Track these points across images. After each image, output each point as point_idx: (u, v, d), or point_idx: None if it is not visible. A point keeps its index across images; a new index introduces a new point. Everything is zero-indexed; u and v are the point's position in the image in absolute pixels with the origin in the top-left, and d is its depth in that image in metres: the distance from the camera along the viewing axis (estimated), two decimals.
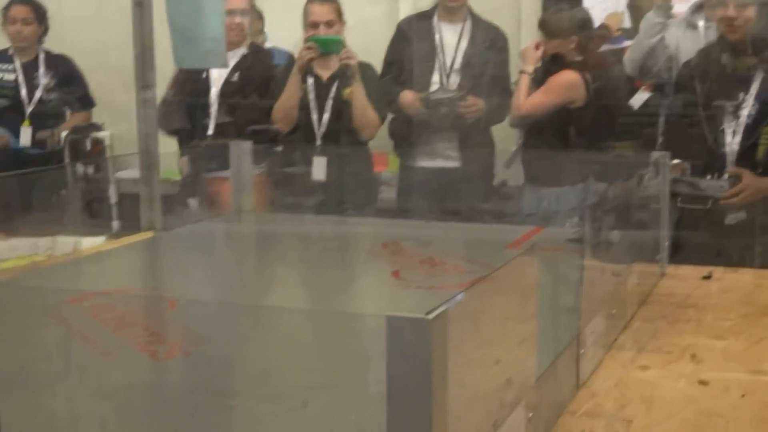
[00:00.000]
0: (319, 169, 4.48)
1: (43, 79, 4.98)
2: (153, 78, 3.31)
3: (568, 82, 4.33)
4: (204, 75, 4.66)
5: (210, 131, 4.65)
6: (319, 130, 4.55)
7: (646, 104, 4.59)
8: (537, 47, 4.42)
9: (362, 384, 1.65)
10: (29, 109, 4.91)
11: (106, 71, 5.31)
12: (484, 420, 1.31)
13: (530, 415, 1.47)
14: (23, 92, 4.90)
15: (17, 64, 4.94)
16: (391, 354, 1.09)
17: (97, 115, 5.65)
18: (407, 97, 4.55)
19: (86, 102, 5.23)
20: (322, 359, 1.89)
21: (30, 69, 4.97)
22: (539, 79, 4.41)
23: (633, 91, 4.66)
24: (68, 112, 5.21)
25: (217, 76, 4.67)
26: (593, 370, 1.91)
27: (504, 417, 1.37)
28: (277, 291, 2.57)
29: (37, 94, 4.95)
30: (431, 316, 1.08)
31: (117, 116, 5.42)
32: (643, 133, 4.60)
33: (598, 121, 4.38)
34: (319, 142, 4.53)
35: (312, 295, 2.47)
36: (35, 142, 4.94)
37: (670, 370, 1.94)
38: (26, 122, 4.97)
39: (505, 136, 4.75)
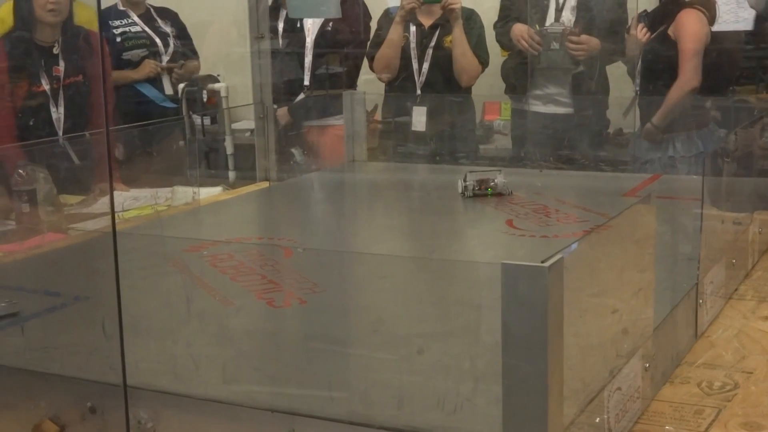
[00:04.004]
0: (419, 119, 4.44)
1: (166, 28, 4.98)
2: (266, 29, 3.35)
3: (697, 20, 4.16)
4: (298, 25, 4.64)
5: (306, 82, 4.64)
6: (419, 79, 4.50)
7: None
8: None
9: (477, 332, 1.66)
10: (166, 58, 4.90)
11: (222, 24, 5.36)
12: (600, 369, 1.30)
13: (647, 365, 1.46)
14: (158, 41, 4.88)
15: (134, 17, 4.96)
16: (506, 302, 1.09)
17: (212, 68, 5.72)
18: (518, 28, 4.44)
19: (195, 52, 5.23)
20: (437, 307, 1.90)
21: (147, 21, 4.98)
22: (657, 19, 4.28)
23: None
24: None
25: (311, 27, 4.64)
26: (712, 320, 1.88)
27: (620, 366, 1.35)
28: (392, 239, 2.58)
29: (171, 42, 4.94)
30: (547, 264, 1.07)
31: (232, 68, 5.49)
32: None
33: (718, 64, 4.23)
34: (419, 91, 4.48)
35: (427, 244, 2.48)
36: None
37: None
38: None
39: (621, 82, 4.62)
